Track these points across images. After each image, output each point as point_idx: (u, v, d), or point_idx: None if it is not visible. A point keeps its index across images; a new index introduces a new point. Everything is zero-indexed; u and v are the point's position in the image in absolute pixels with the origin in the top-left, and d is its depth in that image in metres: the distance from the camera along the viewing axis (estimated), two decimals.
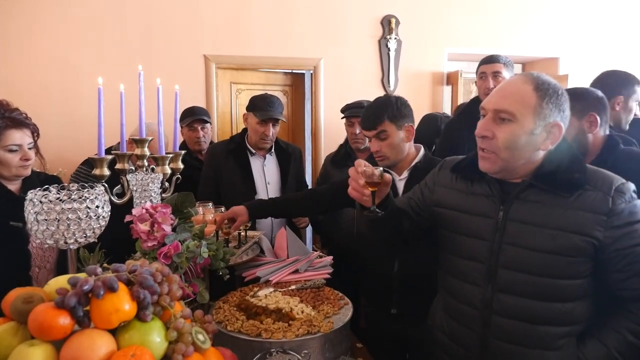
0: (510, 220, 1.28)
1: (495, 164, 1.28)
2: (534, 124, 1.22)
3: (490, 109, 1.27)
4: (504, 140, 1.24)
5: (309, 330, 1.44)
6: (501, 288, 1.29)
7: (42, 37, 3.61)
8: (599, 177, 1.24)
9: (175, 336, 0.97)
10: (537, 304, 1.25)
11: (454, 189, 1.43)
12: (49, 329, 0.87)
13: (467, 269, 1.37)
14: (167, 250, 1.41)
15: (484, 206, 1.34)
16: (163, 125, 1.71)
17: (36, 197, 1.31)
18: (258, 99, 2.75)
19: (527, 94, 1.23)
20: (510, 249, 1.27)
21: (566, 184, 1.23)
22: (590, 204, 1.21)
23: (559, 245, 1.21)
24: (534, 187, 1.27)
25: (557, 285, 1.23)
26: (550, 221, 1.23)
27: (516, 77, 1.29)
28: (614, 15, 4.98)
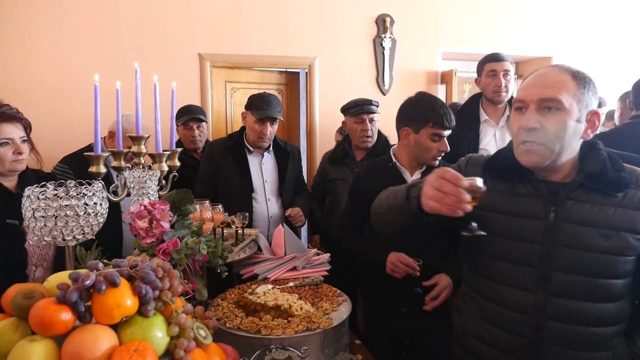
0: (563, 221, 1.24)
1: (544, 157, 1.22)
2: (579, 112, 1.20)
3: (533, 100, 1.22)
4: (555, 130, 1.20)
5: (308, 326, 1.44)
6: (555, 292, 1.25)
7: (36, 34, 3.58)
8: (638, 174, 1.25)
9: (177, 331, 0.97)
10: (591, 306, 1.23)
11: (491, 190, 1.30)
12: (50, 324, 0.87)
13: (513, 273, 1.30)
14: (166, 247, 1.40)
15: (531, 207, 1.28)
16: (160, 123, 1.71)
17: (34, 193, 1.30)
18: (256, 97, 2.75)
19: (568, 82, 1.21)
20: (564, 251, 1.23)
21: (616, 183, 1.23)
22: (637, 202, 1.21)
23: (613, 245, 1.20)
24: (583, 187, 1.24)
25: (610, 285, 1.22)
26: (602, 221, 1.21)
27: (549, 68, 1.26)
28: (606, 15, 5.02)
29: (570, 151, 1.24)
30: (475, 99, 2.81)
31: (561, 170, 1.28)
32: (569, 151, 1.24)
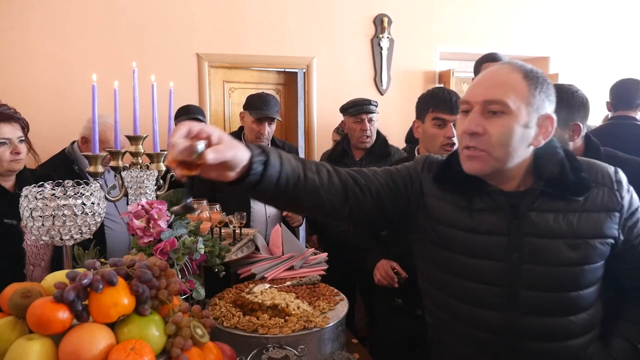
0: (527, 236, 1.13)
1: (486, 164, 1.11)
2: (528, 116, 1.09)
3: (477, 101, 1.11)
4: (499, 136, 1.08)
5: (305, 325, 1.45)
6: (526, 311, 1.15)
7: (34, 34, 3.58)
8: (597, 171, 1.17)
9: (174, 330, 0.97)
10: (565, 320, 1.15)
11: (448, 202, 1.20)
12: (48, 323, 0.87)
13: (479, 294, 1.18)
14: (163, 246, 1.41)
15: (492, 223, 1.15)
16: (157, 123, 1.71)
17: (31, 193, 1.31)
18: (254, 97, 2.77)
19: (518, 82, 1.09)
20: (532, 267, 1.13)
21: (577, 186, 1.14)
22: (601, 202, 1.14)
23: (581, 255, 1.12)
24: (545, 195, 1.14)
25: (582, 296, 1.15)
26: (568, 230, 1.12)
27: (500, 66, 1.14)
28: (604, 15, 5.04)
29: (518, 158, 1.12)
30: None
31: (512, 178, 1.16)
32: (516, 158, 1.12)
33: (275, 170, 1.00)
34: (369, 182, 1.18)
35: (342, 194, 1.13)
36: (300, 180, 1.06)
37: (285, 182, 1.03)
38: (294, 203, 1.12)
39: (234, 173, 0.94)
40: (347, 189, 1.14)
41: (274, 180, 1.01)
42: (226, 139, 0.89)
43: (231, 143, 0.90)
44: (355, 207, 1.15)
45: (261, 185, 0.99)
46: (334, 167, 1.17)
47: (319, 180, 1.10)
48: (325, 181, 1.11)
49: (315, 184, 1.09)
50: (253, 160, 0.96)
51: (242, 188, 0.99)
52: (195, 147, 0.83)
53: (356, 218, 1.22)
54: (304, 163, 1.10)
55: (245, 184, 0.97)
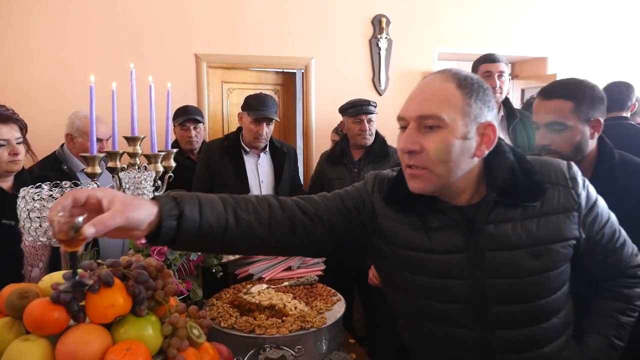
0: (487, 251, 1.09)
1: (429, 182, 1.06)
2: (466, 127, 1.03)
3: (412, 117, 1.05)
4: (436, 152, 1.03)
5: (302, 325, 1.45)
6: (496, 326, 1.12)
7: (33, 34, 3.58)
8: (549, 170, 1.13)
9: (170, 330, 0.98)
10: (537, 329, 1.13)
11: (402, 223, 1.14)
12: (45, 323, 0.88)
13: (447, 313, 1.14)
14: (160, 247, 1.41)
15: (450, 240, 1.10)
16: (155, 123, 1.72)
17: (29, 194, 1.31)
18: (252, 98, 2.78)
19: (451, 92, 1.04)
20: (496, 282, 1.09)
21: (531, 191, 1.10)
22: (557, 203, 1.10)
23: (545, 262, 1.09)
24: (500, 205, 1.09)
25: (552, 302, 1.13)
26: (528, 239, 1.08)
27: (433, 76, 1.10)
28: (602, 15, 5.05)
29: (462, 171, 1.07)
30: None
31: (463, 191, 1.11)
32: (460, 172, 1.07)
33: (193, 222, 0.94)
34: (318, 210, 1.13)
35: (289, 227, 1.08)
36: (229, 225, 1.00)
37: (209, 231, 0.97)
38: (229, 249, 1.07)
39: (140, 232, 0.88)
40: (294, 222, 1.09)
41: (194, 232, 0.95)
42: (118, 201, 0.83)
43: (125, 205, 0.83)
44: (306, 238, 1.10)
45: (180, 240, 0.94)
46: (278, 200, 1.12)
47: (255, 219, 1.04)
48: (264, 219, 1.05)
49: (250, 225, 1.03)
50: (163, 217, 0.90)
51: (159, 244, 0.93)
52: (74, 223, 0.78)
53: (308, 249, 1.19)
54: (237, 204, 1.04)
55: (159, 241, 0.92)
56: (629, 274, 1.23)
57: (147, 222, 0.87)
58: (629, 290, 1.23)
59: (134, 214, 0.84)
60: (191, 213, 0.94)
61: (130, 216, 0.83)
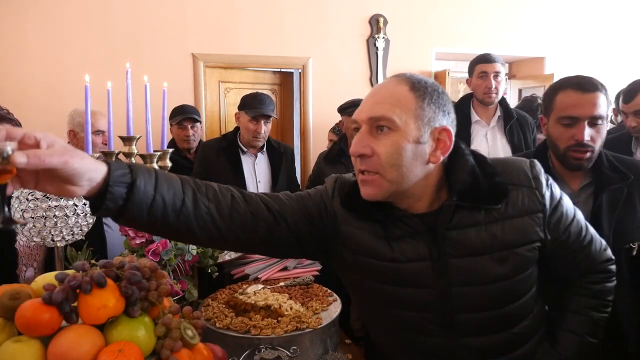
0: (450, 258, 1.05)
1: (381, 188, 1.02)
2: (418, 130, 1.00)
3: (363, 119, 1.02)
4: (387, 155, 0.99)
5: (297, 326, 1.45)
6: (463, 334, 1.10)
7: (28, 34, 3.57)
8: (512, 170, 1.10)
9: (163, 331, 0.97)
10: (507, 334, 1.11)
11: (364, 230, 1.10)
12: (37, 325, 0.87)
13: (414, 321, 1.11)
14: (155, 247, 1.41)
15: (412, 249, 1.07)
16: (151, 123, 1.71)
17: (23, 194, 1.31)
18: (249, 97, 2.80)
19: (404, 95, 1.01)
20: (461, 290, 1.06)
21: (492, 193, 1.06)
22: (521, 205, 1.06)
23: (511, 267, 1.06)
24: (462, 209, 1.05)
25: (520, 307, 1.11)
26: (492, 243, 1.05)
27: (387, 80, 1.07)
28: (599, 15, 5.05)
29: (416, 177, 1.03)
30: (466, 100, 2.82)
31: (420, 197, 1.07)
32: (414, 178, 1.02)
33: (146, 195, 0.85)
34: (283, 209, 1.07)
35: (250, 223, 1.02)
36: (185, 207, 0.92)
37: (162, 209, 0.88)
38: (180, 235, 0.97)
39: (78, 188, 0.78)
40: (257, 218, 1.02)
41: (145, 207, 0.86)
42: (59, 145, 0.75)
43: (66, 150, 0.74)
44: (268, 237, 1.05)
45: (128, 214, 0.85)
46: (242, 193, 1.04)
47: (215, 208, 0.96)
48: (225, 209, 0.98)
49: (209, 213, 0.95)
50: (110, 181, 0.80)
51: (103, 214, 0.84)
52: (1, 150, 0.68)
53: (269, 249, 1.13)
54: (198, 187, 0.96)
55: (103, 209, 0.82)
56: (599, 269, 1.21)
57: (88, 176, 0.78)
58: (600, 285, 1.21)
59: (75, 160, 0.74)
60: (144, 184, 0.85)
61: (69, 160, 0.73)
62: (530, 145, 2.72)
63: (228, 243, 1.04)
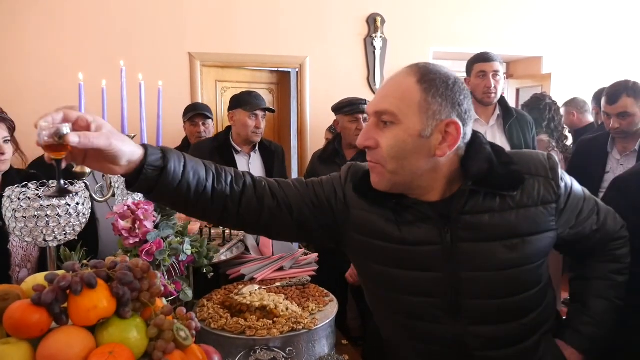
0: (462, 242, 1.06)
1: (384, 178, 1.05)
2: (422, 124, 1.00)
3: (370, 112, 1.05)
4: (388, 148, 1.01)
5: (293, 327, 1.43)
6: (470, 321, 1.10)
7: (23, 32, 3.55)
8: (528, 161, 1.10)
9: (155, 333, 0.95)
10: (515, 324, 1.12)
11: (375, 214, 1.12)
12: (25, 326, 0.85)
13: (421, 307, 1.12)
14: (149, 248, 1.39)
15: (423, 232, 1.08)
16: (146, 122, 1.69)
17: (14, 194, 1.29)
18: (243, 94, 2.84)
19: (410, 88, 1.01)
20: (470, 275, 1.07)
21: (508, 179, 1.06)
22: (537, 195, 1.07)
23: (521, 255, 1.06)
24: (477, 195, 1.06)
25: (528, 298, 1.11)
26: (505, 230, 1.05)
27: (400, 71, 1.06)
28: (597, 14, 5.05)
29: (421, 170, 1.04)
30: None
31: (431, 189, 1.08)
32: (419, 171, 1.04)
33: (174, 179, 0.97)
34: (289, 196, 1.14)
35: (256, 207, 1.10)
36: (206, 191, 1.03)
37: (186, 191, 1.00)
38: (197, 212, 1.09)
39: (118, 168, 0.90)
40: (262, 203, 1.10)
41: (172, 188, 0.97)
42: (106, 129, 0.86)
43: (111, 133, 0.86)
44: (271, 221, 1.12)
45: (157, 192, 0.96)
46: (253, 179, 1.13)
47: (229, 191, 1.07)
48: (236, 193, 1.08)
49: (224, 196, 1.06)
50: (145, 163, 0.92)
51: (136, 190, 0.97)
52: (58, 129, 0.80)
53: (276, 232, 1.21)
54: (218, 174, 1.07)
55: (137, 187, 0.95)
56: (616, 237, 1.24)
57: (127, 158, 0.89)
58: (620, 250, 1.25)
59: (118, 143, 0.86)
60: (174, 169, 0.96)
61: (113, 143, 0.85)
62: (530, 144, 2.71)
63: (237, 223, 1.14)
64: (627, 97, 2.42)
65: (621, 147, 2.57)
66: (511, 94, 5.35)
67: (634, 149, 2.52)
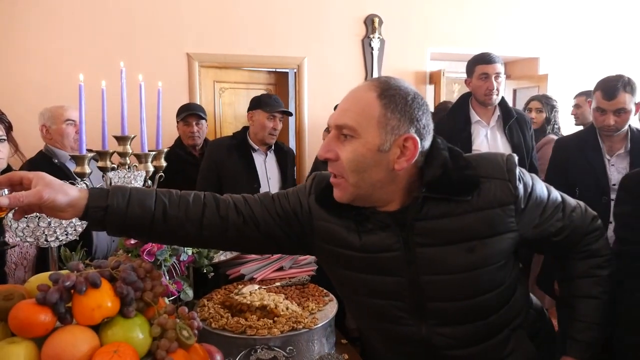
0: (418, 246, 1.08)
1: (346, 191, 1.06)
2: (380, 138, 1.01)
3: (331, 125, 1.06)
4: (348, 162, 1.03)
5: (293, 326, 1.44)
6: (436, 322, 1.13)
7: (22, 33, 3.55)
8: (486, 164, 1.10)
9: (159, 332, 0.96)
10: (481, 323, 1.13)
11: (338, 225, 1.15)
12: (30, 325, 0.86)
13: (388, 310, 1.15)
14: (150, 248, 1.40)
15: (382, 240, 1.10)
16: (145, 122, 1.70)
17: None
18: (264, 96, 2.99)
19: (370, 103, 1.02)
20: (430, 279, 1.09)
21: (462, 184, 1.06)
22: (493, 197, 1.06)
23: (481, 256, 1.07)
24: (432, 200, 1.06)
25: (493, 297, 1.12)
26: (462, 233, 1.06)
27: (361, 85, 1.08)
28: (593, 15, 5.08)
29: (381, 182, 1.05)
30: (464, 99, 2.78)
31: (390, 200, 1.09)
32: (379, 183, 1.05)
33: (118, 215, 1.04)
34: (255, 212, 1.17)
35: (220, 227, 1.13)
36: (155, 220, 1.08)
37: (135, 222, 1.06)
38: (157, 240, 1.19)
39: (65, 214, 1.00)
40: (227, 222, 1.14)
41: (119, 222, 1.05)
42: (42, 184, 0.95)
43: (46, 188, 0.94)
44: (238, 237, 1.16)
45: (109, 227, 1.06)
46: (216, 199, 1.16)
47: (185, 216, 1.10)
48: (195, 217, 1.11)
49: (180, 222, 1.10)
50: (89, 207, 1.01)
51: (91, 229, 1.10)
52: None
53: (244, 247, 1.28)
54: (171, 202, 1.10)
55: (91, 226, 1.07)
56: (589, 230, 1.21)
57: (67, 205, 0.98)
58: (596, 243, 1.22)
59: (51, 197, 0.94)
60: (117, 205, 1.03)
61: (45, 197, 0.94)
62: (530, 143, 2.72)
63: (205, 243, 1.21)
64: (624, 93, 2.33)
65: (608, 146, 2.48)
66: (508, 94, 5.37)
67: (626, 150, 2.45)
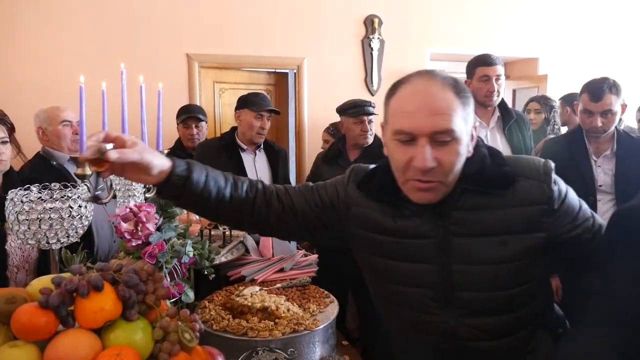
0: (454, 236, 1.11)
1: (439, 193, 1.08)
2: (467, 134, 1.06)
3: (423, 133, 1.02)
4: (450, 164, 1.04)
5: (295, 328, 1.44)
6: (463, 312, 1.14)
7: (23, 34, 3.55)
8: (523, 164, 1.13)
9: (161, 335, 0.96)
10: (509, 316, 1.15)
11: (375, 211, 1.19)
12: (33, 329, 0.86)
13: (417, 298, 1.17)
14: (151, 250, 1.40)
15: (420, 226, 1.13)
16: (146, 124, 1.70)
17: (17, 196, 1.29)
18: (250, 95, 2.93)
19: (454, 102, 1.03)
20: (462, 268, 1.11)
21: (499, 178, 1.10)
22: (528, 195, 1.09)
23: (512, 252, 1.10)
24: (468, 192, 1.10)
25: (519, 293, 1.14)
26: (495, 227, 1.10)
27: (432, 85, 1.05)
28: (593, 15, 5.08)
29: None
30: None
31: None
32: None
33: (197, 187, 1.11)
34: (295, 201, 1.24)
35: (265, 212, 1.22)
36: (225, 198, 1.16)
37: (207, 197, 1.13)
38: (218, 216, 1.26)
39: (151, 177, 1.04)
40: (270, 209, 1.22)
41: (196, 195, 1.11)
42: (139, 144, 1.00)
43: (143, 149, 1.00)
44: (278, 223, 1.24)
45: (183, 198, 1.12)
46: (264, 186, 1.24)
47: (245, 198, 1.19)
48: (249, 200, 1.20)
49: (240, 203, 1.19)
50: (173, 174, 1.07)
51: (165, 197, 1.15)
52: (102, 147, 0.95)
53: (282, 233, 1.40)
54: (235, 183, 1.19)
55: (166, 193, 1.10)
56: None
57: (157, 169, 1.03)
58: None
59: (148, 157, 1.00)
60: (197, 178, 1.10)
61: (144, 156, 0.99)
62: (528, 143, 2.72)
63: (251, 225, 1.27)
64: (610, 94, 2.38)
65: (595, 147, 2.50)
66: (507, 95, 5.37)
67: (612, 152, 2.48)
